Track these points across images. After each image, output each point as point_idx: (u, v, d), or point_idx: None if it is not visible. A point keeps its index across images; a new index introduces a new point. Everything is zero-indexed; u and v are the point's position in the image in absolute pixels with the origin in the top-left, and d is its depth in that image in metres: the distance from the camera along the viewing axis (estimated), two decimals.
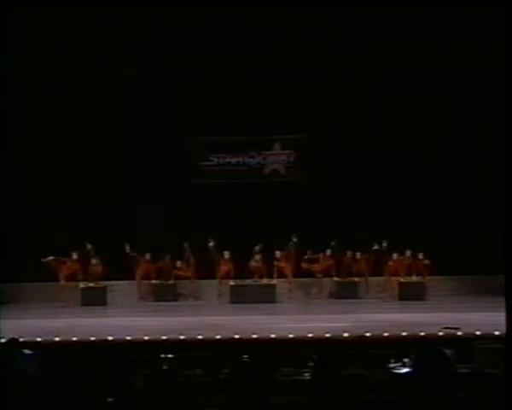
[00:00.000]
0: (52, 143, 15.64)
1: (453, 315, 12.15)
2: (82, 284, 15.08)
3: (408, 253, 15.19)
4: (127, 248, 15.09)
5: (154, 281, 15.49)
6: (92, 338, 10.21)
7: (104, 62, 15.23)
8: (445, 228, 15.59)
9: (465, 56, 15.08)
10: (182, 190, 16.00)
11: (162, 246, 15.08)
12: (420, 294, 14.82)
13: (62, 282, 15.04)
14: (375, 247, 15.02)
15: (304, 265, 15.13)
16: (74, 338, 10.24)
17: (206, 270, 15.24)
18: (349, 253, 15.30)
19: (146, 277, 15.50)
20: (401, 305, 14.29)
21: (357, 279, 15.42)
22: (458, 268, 15.12)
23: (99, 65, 15.25)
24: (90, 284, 15.11)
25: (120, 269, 14.98)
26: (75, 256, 15.01)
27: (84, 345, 9.82)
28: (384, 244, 14.96)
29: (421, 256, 15.09)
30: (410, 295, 14.80)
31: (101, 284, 15.16)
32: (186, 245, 15.16)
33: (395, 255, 15.12)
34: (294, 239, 15.01)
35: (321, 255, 15.33)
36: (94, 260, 15.09)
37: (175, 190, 15.92)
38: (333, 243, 15.19)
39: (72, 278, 15.14)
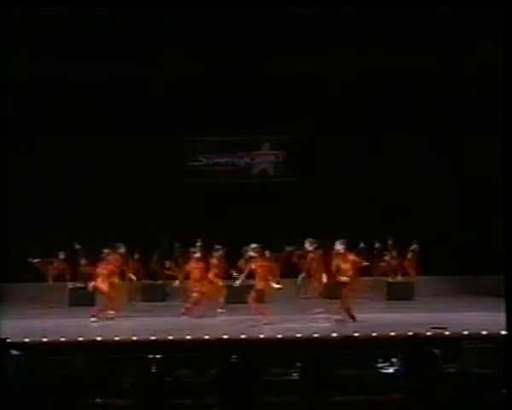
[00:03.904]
0: (47, 142, 15.76)
1: (441, 315, 12.18)
2: (70, 285, 14.98)
3: (394, 253, 15.17)
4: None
5: (142, 281, 15.42)
6: (80, 339, 10.14)
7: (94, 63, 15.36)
8: (433, 229, 15.60)
9: (464, 56, 15.21)
10: (171, 191, 15.98)
11: (151, 246, 15.07)
12: (408, 294, 14.86)
13: (50, 282, 14.94)
14: (361, 245, 15.04)
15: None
16: (62, 339, 10.16)
17: None
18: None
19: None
20: (389, 305, 14.28)
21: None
22: (446, 268, 15.16)
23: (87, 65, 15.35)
24: (78, 285, 15.03)
25: None
26: (62, 256, 14.90)
27: (72, 346, 9.76)
28: (376, 245, 15.02)
29: (409, 256, 15.12)
30: (398, 295, 14.81)
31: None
32: (176, 245, 15.13)
33: (387, 257, 15.11)
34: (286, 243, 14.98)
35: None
36: (82, 261, 15.00)
37: (164, 190, 15.93)
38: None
39: (59, 278, 15.03)
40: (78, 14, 13.42)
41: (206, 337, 10.28)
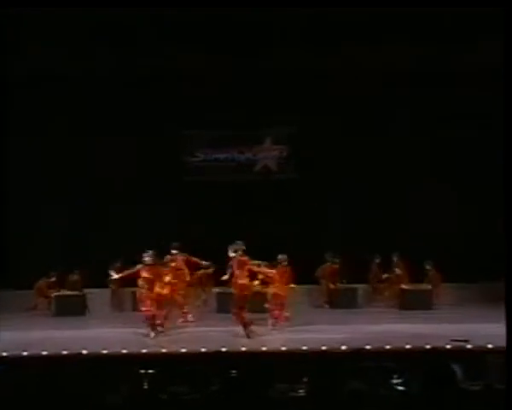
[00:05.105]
0: (47, 142, 15.70)
1: (462, 326, 11.78)
2: (56, 292, 14.54)
3: (396, 257, 14.86)
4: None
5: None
6: (65, 352, 9.73)
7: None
8: (450, 233, 15.29)
9: (464, 56, 15.05)
10: (167, 189, 15.89)
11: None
12: (425, 303, 14.28)
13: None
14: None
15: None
16: (45, 352, 9.77)
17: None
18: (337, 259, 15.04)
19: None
20: (404, 315, 13.77)
21: (356, 286, 14.85)
22: (466, 275, 14.70)
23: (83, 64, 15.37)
24: (66, 292, 14.51)
25: (99, 277, 14.50)
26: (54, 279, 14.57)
27: (56, 360, 9.41)
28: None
29: (428, 267, 14.58)
30: (414, 304, 14.26)
31: (79, 292, 14.56)
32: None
33: (397, 270, 14.78)
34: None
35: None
36: (74, 270, 14.63)
37: (163, 188, 15.82)
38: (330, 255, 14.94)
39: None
40: (78, 14, 13.53)
41: (203, 350, 9.85)
